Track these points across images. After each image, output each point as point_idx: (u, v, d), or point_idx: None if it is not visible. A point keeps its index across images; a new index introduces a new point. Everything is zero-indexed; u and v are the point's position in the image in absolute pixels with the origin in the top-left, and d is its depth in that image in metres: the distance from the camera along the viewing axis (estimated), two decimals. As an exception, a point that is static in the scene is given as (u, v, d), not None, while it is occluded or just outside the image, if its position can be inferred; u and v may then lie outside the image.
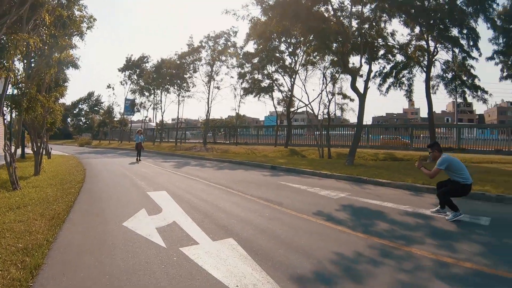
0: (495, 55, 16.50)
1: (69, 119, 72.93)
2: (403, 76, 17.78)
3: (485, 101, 16.34)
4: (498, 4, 15.40)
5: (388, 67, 17.64)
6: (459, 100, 17.26)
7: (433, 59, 16.46)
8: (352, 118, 32.31)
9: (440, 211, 6.08)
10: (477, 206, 6.93)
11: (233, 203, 7.07)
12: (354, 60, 18.69)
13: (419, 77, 18.56)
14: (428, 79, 16.53)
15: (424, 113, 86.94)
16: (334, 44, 14.68)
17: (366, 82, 14.82)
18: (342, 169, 12.33)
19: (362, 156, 18.77)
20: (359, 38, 14.56)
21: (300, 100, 23.20)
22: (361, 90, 14.58)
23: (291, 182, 10.31)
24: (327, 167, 13.14)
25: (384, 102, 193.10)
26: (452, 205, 5.74)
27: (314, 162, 15.93)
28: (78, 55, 25.99)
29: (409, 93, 18.01)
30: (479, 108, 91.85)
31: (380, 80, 17.78)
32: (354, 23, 14.78)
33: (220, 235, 4.75)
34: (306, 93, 32.40)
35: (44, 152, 13.88)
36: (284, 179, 11.06)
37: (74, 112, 71.87)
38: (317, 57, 18.24)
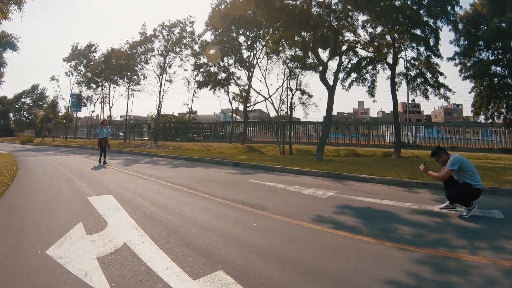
0: (456, 56, 16.41)
1: (11, 115, 64.95)
2: (367, 72, 17.09)
3: (447, 98, 16.23)
4: (461, 7, 15.38)
5: (351, 62, 16.86)
6: (422, 98, 16.90)
7: (398, 56, 15.99)
8: (312, 114, 31.02)
9: (449, 206, 5.50)
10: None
11: (204, 210, 5.30)
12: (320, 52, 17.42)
13: (381, 74, 18.22)
14: (393, 76, 15.98)
15: (373, 113, 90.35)
16: (303, 33, 13.26)
17: (336, 74, 13.72)
18: (314, 165, 11.00)
19: (324, 153, 17.70)
20: (329, 32, 13.32)
21: (259, 93, 21.29)
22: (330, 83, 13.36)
23: (263, 180, 8.73)
24: (296, 163, 11.75)
25: (336, 102, 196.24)
26: (466, 202, 5.19)
27: (278, 158, 14.50)
28: (17, 35, 22.52)
29: (371, 90, 17.33)
30: (426, 109, 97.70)
31: (344, 75, 16.89)
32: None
33: (202, 267, 2.99)
34: (266, 86, 29.52)
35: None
36: (254, 176, 9.44)
37: (17, 106, 63.22)
38: (284, 45, 16.56)
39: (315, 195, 6.70)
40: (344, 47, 16.40)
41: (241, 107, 24.63)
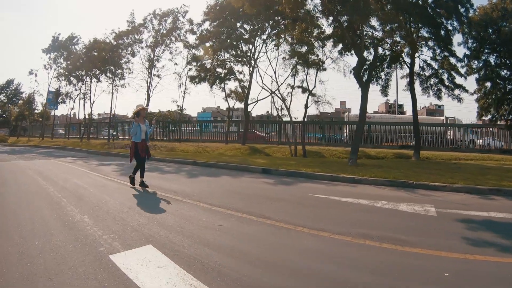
0: (465, 58, 16.02)
1: (-16, 113, 58.10)
2: (382, 71, 16.18)
3: (460, 100, 15.65)
4: (475, 10, 15.15)
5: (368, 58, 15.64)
6: (434, 98, 16.74)
7: (416, 56, 15.39)
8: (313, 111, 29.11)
9: None
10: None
11: (337, 262, 3.38)
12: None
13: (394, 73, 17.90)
14: (411, 75, 15.32)
15: (355, 112, 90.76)
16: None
17: (370, 70, 12.18)
18: (358, 171, 9.54)
19: (334, 154, 16.38)
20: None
21: (264, 88, 19.26)
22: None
23: (329, 193, 7.04)
24: (334, 168, 10.33)
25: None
26: None
27: (305, 162, 12.66)
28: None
29: (385, 89, 16.60)
30: (409, 109, 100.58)
31: (362, 73, 15.52)
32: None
33: None
34: (277, 82, 23.64)
35: None
36: (308, 188, 7.79)
37: (-12, 103, 56.67)
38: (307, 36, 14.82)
39: (420, 213, 5.41)
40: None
41: (238, 105, 22.73)
